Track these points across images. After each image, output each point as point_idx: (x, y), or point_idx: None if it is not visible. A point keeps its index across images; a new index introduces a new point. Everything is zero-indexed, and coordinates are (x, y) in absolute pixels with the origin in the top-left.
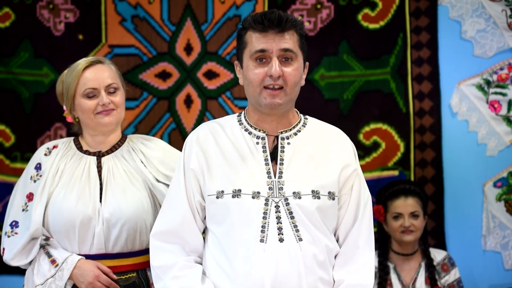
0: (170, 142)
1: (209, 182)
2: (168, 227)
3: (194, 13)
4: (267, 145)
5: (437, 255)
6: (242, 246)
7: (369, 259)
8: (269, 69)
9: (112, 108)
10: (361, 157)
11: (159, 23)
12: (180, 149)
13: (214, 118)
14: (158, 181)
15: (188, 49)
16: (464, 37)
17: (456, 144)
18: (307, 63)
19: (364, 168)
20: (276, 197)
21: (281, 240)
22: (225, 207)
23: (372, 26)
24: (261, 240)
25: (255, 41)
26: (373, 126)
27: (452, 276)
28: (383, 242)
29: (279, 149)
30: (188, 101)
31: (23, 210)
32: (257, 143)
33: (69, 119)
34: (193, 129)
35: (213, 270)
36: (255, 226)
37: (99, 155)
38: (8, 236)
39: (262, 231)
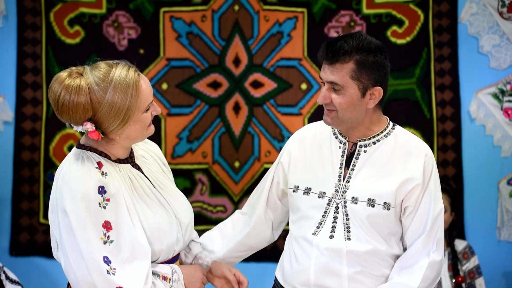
0: (220, 145)
1: (291, 177)
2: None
3: (242, 29)
4: (346, 150)
5: (459, 244)
6: (300, 236)
7: (425, 264)
8: None
9: None
10: None
11: (211, 39)
12: (228, 152)
13: (260, 123)
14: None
15: (236, 61)
16: (481, 51)
17: (474, 146)
18: (376, 88)
19: None
20: (338, 199)
21: (331, 237)
22: (296, 200)
23: (399, 41)
24: (313, 233)
25: (322, 68)
26: None
27: (472, 263)
28: None
29: (355, 155)
30: (237, 108)
31: (104, 242)
32: (339, 147)
33: (96, 136)
34: (241, 132)
35: (287, 248)
36: (313, 221)
37: (132, 162)
38: (114, 274)
39: (318, 227)
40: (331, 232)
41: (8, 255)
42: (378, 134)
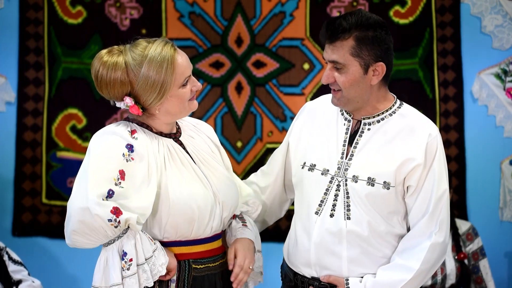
0: (222, 125)
1: (299, 153)
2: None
3: (244, 9)
4: (350, 128)
5: (463, 225)
6: (303, 214)
7: (426, 246)
8: None
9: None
10: None
11: (213, 19)
12: (230, 132)
13: (262, 103)
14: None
15: (239, 41)
16: (484, 32)
17: (477, 127)
18: (379, 64)
19: None
20: (340, 177)
21: (331, 215)
22: (302, 176)
23: (402, 21)
24: (316, 213)
25: (324, 48)
26: None
27: (476, 244)
28: None
29: (359, 133)
30: (239, 88)
31: (115, 184)
32: (344, 124)
33: (136, 110)
34: (243, 112)
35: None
36: (316, 199)
37: (175, 137)
38: (108, 199)
39: (320, 205)
40: (331, 210)
41: (10, 236)
42: (383, 113)
